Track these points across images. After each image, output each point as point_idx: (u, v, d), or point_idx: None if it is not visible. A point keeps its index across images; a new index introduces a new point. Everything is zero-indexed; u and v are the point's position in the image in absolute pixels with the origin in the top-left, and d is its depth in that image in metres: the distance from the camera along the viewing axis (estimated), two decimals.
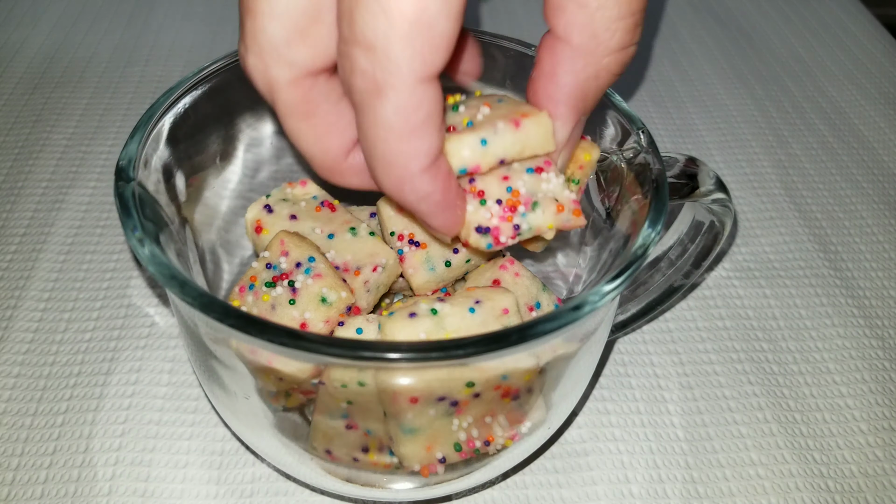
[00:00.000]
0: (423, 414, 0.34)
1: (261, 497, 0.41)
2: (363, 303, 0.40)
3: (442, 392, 0.33)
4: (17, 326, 0.49)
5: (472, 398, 0.34)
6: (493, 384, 0.34)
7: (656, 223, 0.33)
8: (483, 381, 0.33)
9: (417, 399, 0.33)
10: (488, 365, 0.32)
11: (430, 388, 0.33)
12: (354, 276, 0.39)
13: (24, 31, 0.77)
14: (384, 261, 0.40)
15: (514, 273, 0.39)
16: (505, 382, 0.34)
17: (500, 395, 0.35)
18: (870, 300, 0.54)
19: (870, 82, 0.75)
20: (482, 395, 0.34)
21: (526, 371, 0.34)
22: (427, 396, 0.33)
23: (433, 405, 0.34)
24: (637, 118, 0.38)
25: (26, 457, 0.42)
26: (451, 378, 0.32)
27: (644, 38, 0.80)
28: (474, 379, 0.33)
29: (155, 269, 0.30)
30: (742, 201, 0.62)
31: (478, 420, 0.35)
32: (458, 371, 0.32)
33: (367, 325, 0.35)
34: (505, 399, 0.35)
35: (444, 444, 0.36)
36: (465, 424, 0.35)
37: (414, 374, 0.32)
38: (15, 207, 0.57)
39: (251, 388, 0.35)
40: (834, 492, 0.42)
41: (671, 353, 0.50)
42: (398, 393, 0.33)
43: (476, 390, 0.33)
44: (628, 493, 0.42)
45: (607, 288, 0.30)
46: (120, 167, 0.34)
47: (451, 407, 0.34)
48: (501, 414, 0.36)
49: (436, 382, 0.32)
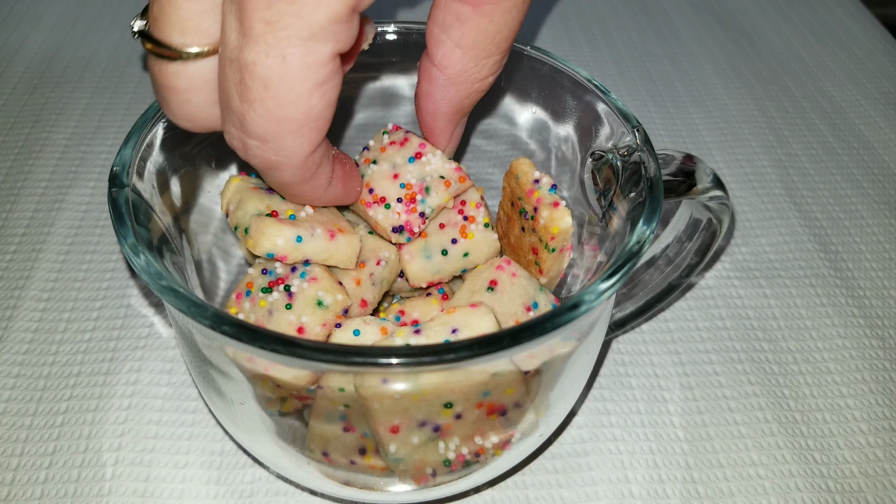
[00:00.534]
0: (406, 443, 0.34)
1: (260, 497, 0.41)
2: (369, 296, 0.40)
3: (421, 417, 0.33)
4: (16, 326, 0.49)
5: (454, 420, 0.34)
6: (473, 402, 0.33)
7: (651, 220, 0.33)
8: (462, 399, 0.33)
9: (398, 428, 0.33)
10: (461, 381, 0.32)
11: (408, 413, 0.32)
12: (360, 268, 0.39)
13: (23, 31, 0.77)
14: (387, 255, 0.41)
15: (511, 273, 0.39)
16: (487, 399, 0.34)
17: (485, 412, 0.35)
18: (870, 300, 0.53)
19: (870, 82, 0.75)
20: (464, 416, 0.34)
21: (509, 384, 0.34)
22: (407, 423, 0.33)
23: (415, 432, 0.34)
24: (632, 116, 0.38)
25: (26, 457, 0.42)
26: (425, 400, 0.32)
27: (644, 37, 0.80)
28: (452, 399, 0.33)
29: (148, 277, 0.30)
30: (742, 201, 0.61)
31: (466, 439, 0.35)
32: (434, 391, 0.32)
33: (365, 326, 0.35)
34: (491, 416, 0.35)
35: (434, 464, 0.36)
36: (452, 446, 0.35)
37: (389, 400, 0.32)
38: (15, 207, 0.57)
39: (248, 393, 0.35)
40: (834, 492, 0.42)
41: (671, 353, 0.50)
42: (378, 423, 0.33)
43: (456, 411, 0.33)
44: (628, 494, 0.42)
45: (603, 286, 0.30)
46: (114, 173, 0.34)
47: (434, 432, 0.34)
48: (490, 430, 0.36)
49: (412, 406, 0.32)
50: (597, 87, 0.40)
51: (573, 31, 0.80)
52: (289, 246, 0.36)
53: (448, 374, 0.31)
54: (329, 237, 0.37)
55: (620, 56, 0.77)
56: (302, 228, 0.37)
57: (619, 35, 0.81)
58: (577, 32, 0.80)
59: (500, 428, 0.36)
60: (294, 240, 0.36)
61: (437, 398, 0.32)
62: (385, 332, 0.35)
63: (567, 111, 0.43)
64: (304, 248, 0.37)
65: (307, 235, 0.37)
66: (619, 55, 0.77)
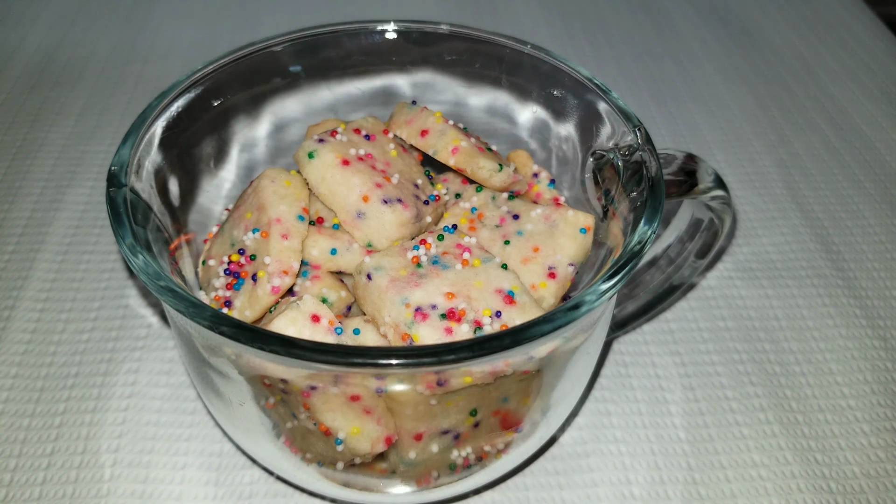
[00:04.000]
0: (425, 451, 0.34)
1: (259, 499, 0.41)
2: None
3: (447, 425, 0.33)
4: (14, 327, 0.49)
5: (472, 428, 0.34)
6: (492, 409, 0.34)
7: (653, 220, 0.33)
8: (486, 405, 0.33)
9: (422, 436, 0.33)
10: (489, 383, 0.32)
11: (436, 420, 0.33)
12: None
13: (22, 30, 0.76)
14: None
15: None
16: (504, 406, 0.35)
17: (500, 420, 0.35)
18: (872, 301, 0.53)
19: (872, 81, 0.74)
20: (482, 424, 0.34)
21: (525, 393, 0.35)
22: (432, 432, 0.33)
23: (436, 440, 0.34)
24: (633, 115, 0.38)
25: (24, 458, 0.42)
26: (457, 406, 0.33)
27: (645, 36, 0.80)
28: (478, 405, 0.33)
29: (146, 278, 0.30)
30: (744, 200, 0.61)
31: (476, 447, 0.36)
32: (468, 394, 0.32)
33: (365, 325, 0.35)
34: (507, 431, 0.36)
35: (440, 468, 0.36)
36: (463, 453, 0.36)
37: (424, 406, 0.32)
38: (13, 207, 0.57)
39: (247, 395, 0.35)
40: (836, 493, 0.42)
41: (673, 354, 0.49)
42: (403, 430, 0.33)
43: (478, 419, 0.34)
44: (629, 495, 0.42)
45: (604, 287, 0.30)
46: (112, 173, 0.34)
47: (454, 440, 0.34)
48: (498, 437, 0.36)
49: (441, 413, 0.33)
50: (598, 87, 0.40)
51: (574, 29, 0.80)
52: (323, 256, 0.38)
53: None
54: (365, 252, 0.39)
55: (622, 55, 0.77)
56: (338, 241, 0.38)
57: (620, 34, 0.80)
58: (578, 31, 0.80)
59: (506, 433, 0.36)
60: (329, 251, 0.38)
61: (467, 404, 0.33)
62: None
63: (568, 110, 0.43)
64: (339, 259, 0.38)
65: (343, 249, 0.38)
66: (620, 54, 0.77)
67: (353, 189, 0.38)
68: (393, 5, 0.82)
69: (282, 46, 0.43)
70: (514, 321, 0.33)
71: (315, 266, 0.39)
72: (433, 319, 0.32)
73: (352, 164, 0.38)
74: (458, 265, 0.35)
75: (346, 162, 0.38)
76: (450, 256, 0.36)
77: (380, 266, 0.35)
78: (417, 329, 0.32)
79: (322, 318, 0.32)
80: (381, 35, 0.45)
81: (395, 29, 0.45)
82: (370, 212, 0.38)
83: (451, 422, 0.33)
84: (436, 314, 0.32)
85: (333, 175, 0.38)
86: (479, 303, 0.33)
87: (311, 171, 0.39)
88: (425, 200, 0.40)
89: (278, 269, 0.35)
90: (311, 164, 0.38)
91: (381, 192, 0.38)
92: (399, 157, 0.42)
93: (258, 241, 0.37)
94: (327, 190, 0.38)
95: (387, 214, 0.37)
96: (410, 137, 0.42)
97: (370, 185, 0.38)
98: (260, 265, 0.36)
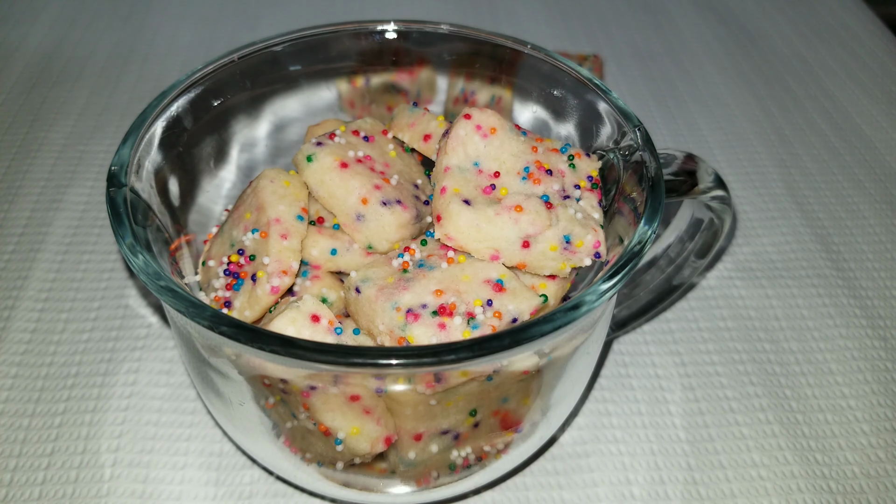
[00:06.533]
0: (425, 451, 0.35)
1: (259, 499, 0.41)
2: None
3: (447, 425, 0.33)
4: (14, 327, 0.49)
5: (472, 429, 0.34)
6: (492, 409, 0.34)
7: (653, 220, 0.33)
8: (485, 405, 0.34)
9: (421, 436, 0.33)
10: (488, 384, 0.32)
11: (435, 421, 0.33)
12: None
13: (22, 30, 0.76)
14: None
15: None
16: (504, 406, 0.35)
17: (499, 421, 0.35)
18: (872, 301, 0.53)
19: (872, 81, 0.74)
20: (481, 424, 0.35)
21: (525, 393, 0.35)
22: (431, 432, 0.34)
23: (436, 440, 0.34)
24: (633, 115, 0.38)
25: (24, 458, 0.42)
26: (457, 406, 0.33)
27: (646, 36, 0.80)
28: (477, 405, 0.33)
29: (146, 278, 0.30)
30: (744, 200, 0.61)
31: (476, 447, 0.36)
32: (468, 392, 0.32)
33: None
34: (507, 431, 0.36)
35: (440, 468, 0.36)
36: (463, 454, 0.36)
37: (423, 406, 0.32)
38: (13, 207, 0.57)
39: (247, 395, 0.35)
40: (836, 493, 0.42)
41: (673, 354, 0.49)
42: (403, 430, 0.33)
43: (477, 419, 0.34)
44: (629, 495, 0.42)
45: (604, 287, 0.30)
46: (112, 173, 0.34)
47: (454, 440, 0.35)
48: (498, 438, 0.36)
49: (441, 413, 0.33)
50: (598, 87, 0.40)
51: (574, 28, 0.80)
52: (322, 257, 0.38)
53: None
54: (365, 254, 0.39)
55: (622, 54, 0.77)
56: (337, 241, 0.38)
57: (620, 33, 0.80)
58: (578, 30, 0.80)
59: (506, 433, 0.36)
60: (329, 252, 0.38)
61: (466, 404, 0.33)
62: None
63: (568, 110, 0.43)
64: (338, 259, 0.39)
65: (343, 249, 0.38)
66: (620, 53, 0.77)
67: (352, 192, 0.38)
68: (393, 5, 0.82)
69: (282, 46, 0.43)
70: (507, 307, 0.33)
71: (315, 266, 0.39)
72: (425, 318, 0.32)
73: (350, 167, 0.38)
74: (444, 264, 0.35)
75: (345, 165, 0.38)
76: (435, 258, 0.36)
77: (367, 278, 0.35)
78: (411, 330, 0.32)
79: (322, 318, 0.32)
80: (381, 35, 0.45)
81: (395, 29, 0.45)
82: (369, 214, 0.38)
83: (451, 422, 0.33)
84: (427, 312, 0.32)
85: (332, 178, 0.38)
86: (468, 295, 0.33)
87: (310, 175, 0.39)
88: (425, 200, 0.40)
89: (277, 269, 0.35)
90: (310, 167, 0.38)
91: (380, 193, 0.38)
92: (398, 158, 0.42)
93: (257, 241, 0.37)
94: (326, 193, 0.39)
95: (386, 216, 0.37)
96: (413, 141, 0.42)
97: (369, 187, 0.38)
98: (259, 265, 0.36)
